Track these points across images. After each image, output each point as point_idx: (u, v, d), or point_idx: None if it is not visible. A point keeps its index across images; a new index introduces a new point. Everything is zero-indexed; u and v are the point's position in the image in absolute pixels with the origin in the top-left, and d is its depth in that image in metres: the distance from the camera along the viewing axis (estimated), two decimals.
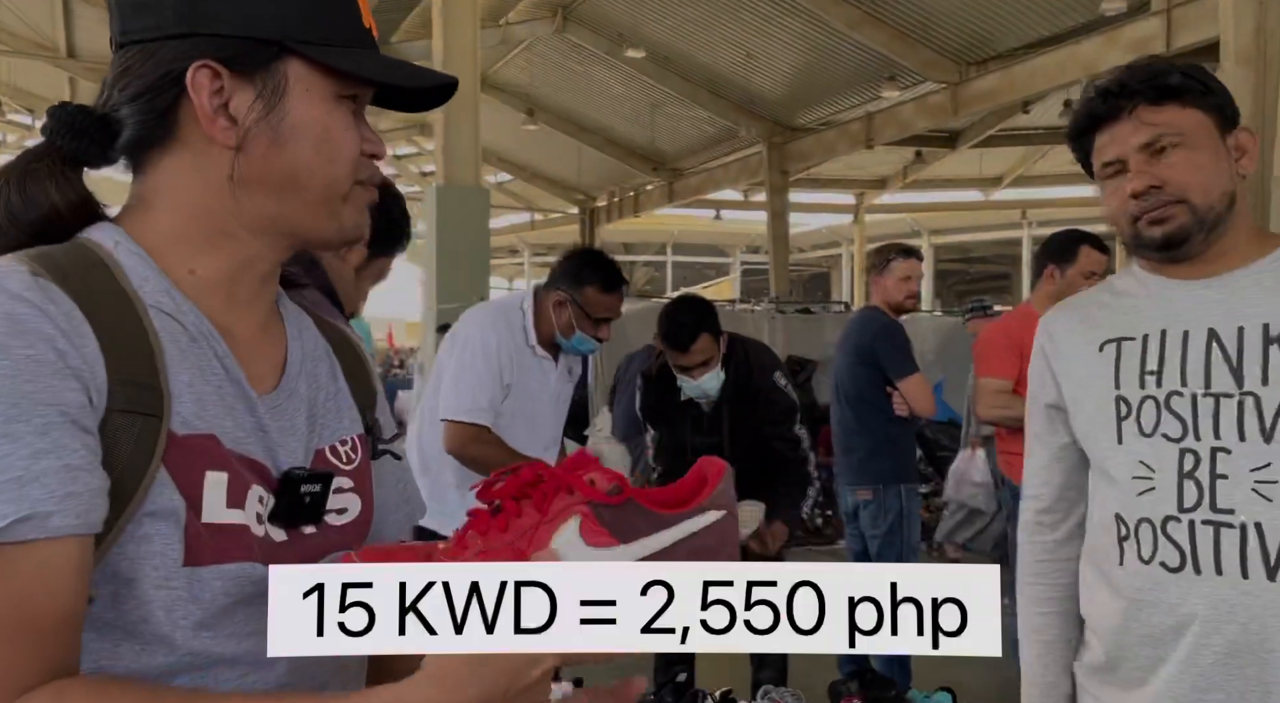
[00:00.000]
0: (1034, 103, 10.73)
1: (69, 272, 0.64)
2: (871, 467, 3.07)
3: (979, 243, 18.68)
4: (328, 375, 0.80)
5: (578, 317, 2.21)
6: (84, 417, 0.60)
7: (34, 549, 0.56)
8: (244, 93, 0.68)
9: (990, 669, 3.72)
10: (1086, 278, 2.83)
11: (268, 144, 0.69)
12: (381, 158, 0.76)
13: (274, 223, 0.72)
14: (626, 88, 12.22)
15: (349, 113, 0.72)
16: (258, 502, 0.68)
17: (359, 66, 0.71)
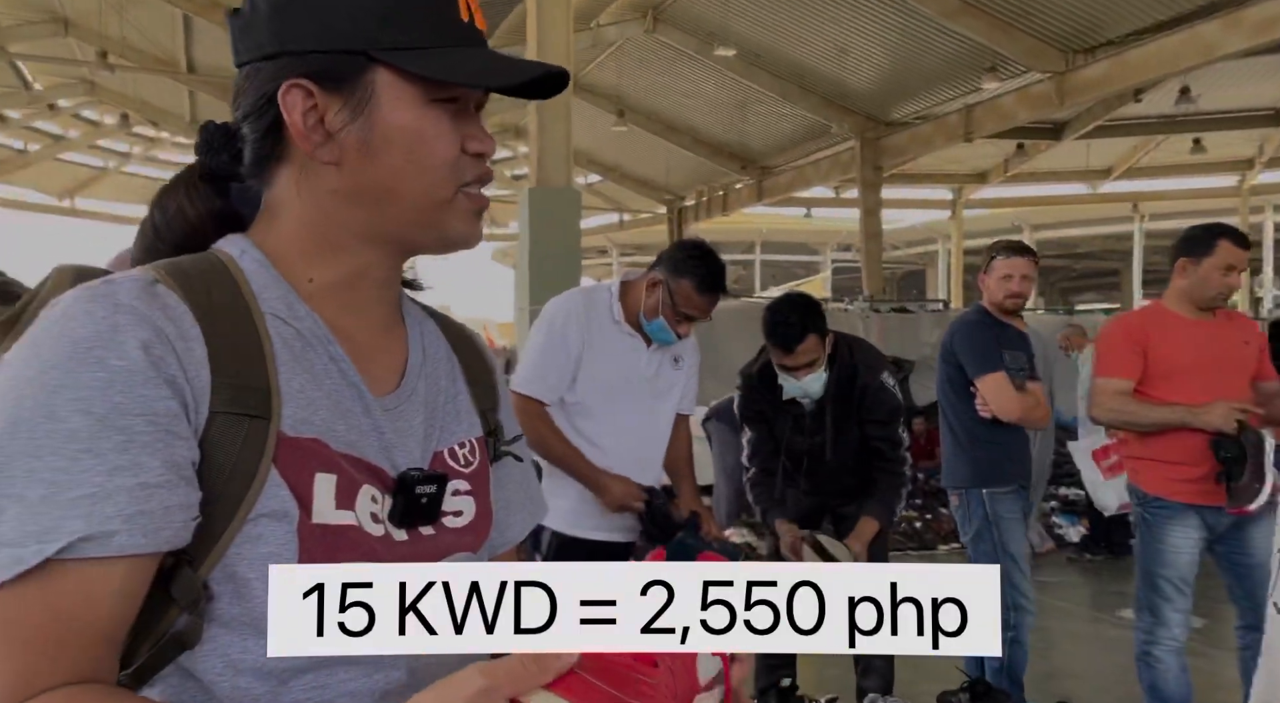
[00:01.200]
0: (1147, 90, 10.20)
1: (193, 279, 0.66)
2: (955, 469, 2.97)
3: (1085, 238, 17.87)
4: (448, 378, 0.80)
5: (665, 303, 2.17)
6: (176, 425, 0.61)
7: (89, 566, 0.57)
8: (335, 107, 0.68)
9: (1105, 687, 3.55)
10: (1224, 273, 2.64)
11: (361, 156, 0.69)
12: (489, 156, 0.73)
13: (379, 233, 0.72)
14: (716, 86, 12.16)
15: (445, 116, 0.70)
16: (371, 502, 0.69)
17: (446, 70, 0.68)
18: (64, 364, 0.59)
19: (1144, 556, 2.74)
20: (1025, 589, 2.86)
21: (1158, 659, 2.70)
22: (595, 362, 2.19)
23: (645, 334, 2.23)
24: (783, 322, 2.48)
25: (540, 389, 2.20)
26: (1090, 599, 4.82)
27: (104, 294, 0.62)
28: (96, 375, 0.59)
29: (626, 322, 2.23)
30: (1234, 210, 15.13)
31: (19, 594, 0.57)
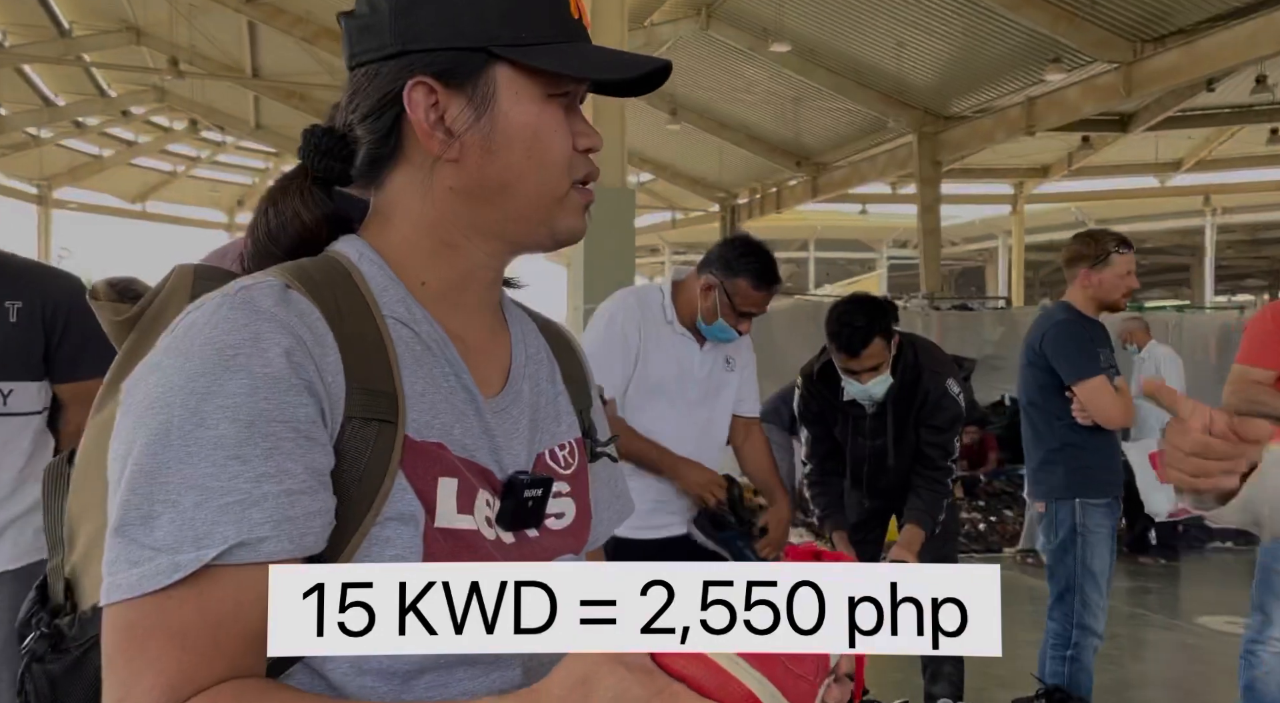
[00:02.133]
0: (1220, 80, 9.83)
1: (320, 284, 0.67)
2: (1043, 478, 2.80)
3: (1153, 233, 17.30)
4: (547, 379, 0.80)
5: (723, 305, 2.16)
6: (315, 430, 0.62)
7: (240, 571, 0.58)
8: (457, 104, 0.69)
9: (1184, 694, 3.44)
10: None
11: (481, 152, 0.69)
12: (598, 150, 0.73)
13: (492, 230, 0.72)
14: (770, 83, 12.07)
15: (559, 110, 0.71)
16: (485, 506, 0.69)
17: (565, 63, 0.69)
18: (211, 371, 0.60)
19: (1266, 552, 2.63)
20: (1096, 610, 2.72)
21: (1260, 660, 2.59)
22: (650, 361, 2.20)
23: (698, 334, 2.23)
24: (848, 324, 2.43)
25: (606, 385, 2.20)
26: (1159, 605, 4.67)
27: (244, 301, 0.63)
28: (242, 382, 0.60)
29: (680, 322, 2.23)
30: None
31: (176, 599, 0.58)
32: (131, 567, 0.58)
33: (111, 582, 0.59)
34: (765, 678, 0.51)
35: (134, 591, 0.58)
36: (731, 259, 2.19)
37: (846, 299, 2.58)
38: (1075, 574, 2.70)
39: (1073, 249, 2.81)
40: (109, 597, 0.59)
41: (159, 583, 0.58)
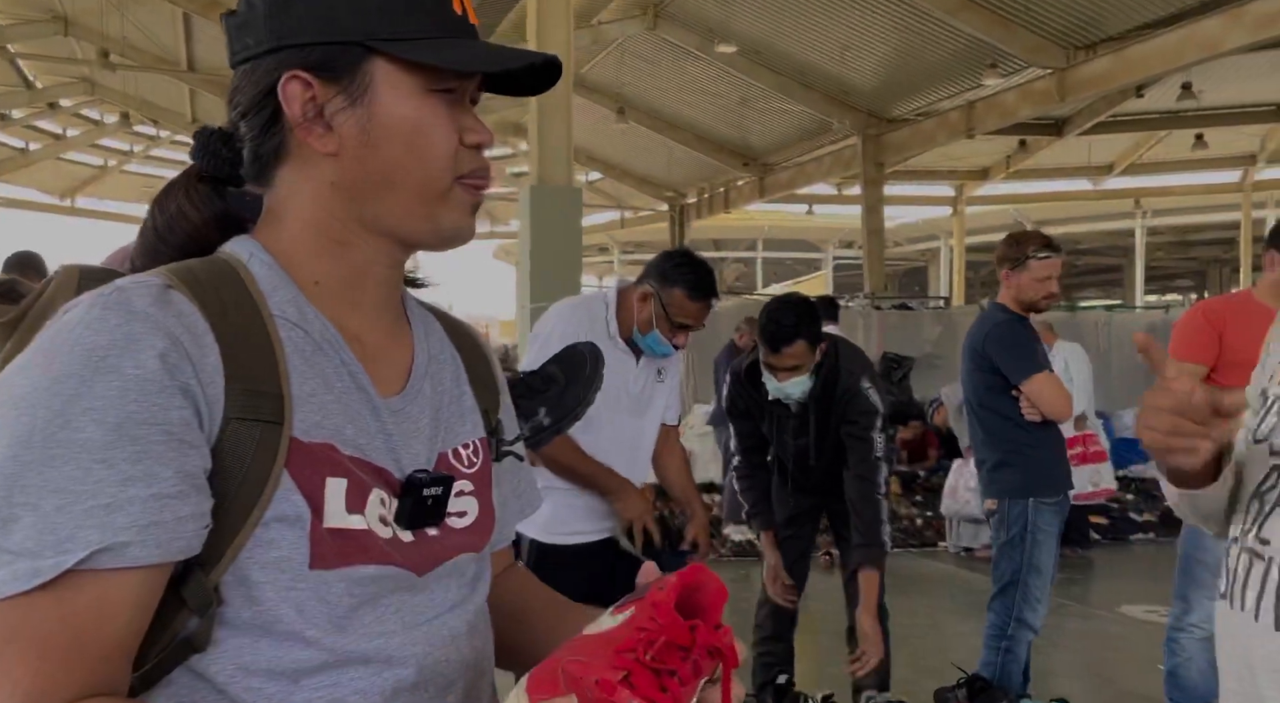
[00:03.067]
0: (1149, 86, 10.17)
1: (204, 283, 0.66)
2: (997, 478, 2.81)
3: (1087, 234, 17.83)
4: (452, 378, 0.80)
5: (658, 316, 2.16)
6: (189, 433, 0.61)
7: (104, 577, 0.57)
8: (335, 98, 0.69)
9: (1103, 682, 3.55)
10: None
11: (361, 146, 0.69)
12: (487, 146, 0.73)
13: (379, 226, 0.72)
14: (717, 83, 12.15)
15: (443, 106, 0.71)
16: (379, 505, 0.69)
17: (442, 57, 0.69)
18: (79, 373, 0.59)
19: (1186, 542, 2.72)
20: (1036, 605, 2.77)
21: (1182, 647, 2.68)
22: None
23: (635, 349, 2.23)
24: (776, 321, 2.47)
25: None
26: (1083, 595, 4.82)
27: (118, 302, 0.62)
28: (111, 385, 0.59)
29: (620, 336, 2.23)
30: (1236, 206, 15.11)
31: (35, 605, 0.57)
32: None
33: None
34: None
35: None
36: (668, 269, 2.19)
37: (782, 297, 2.62)
38: (1021, 569, 2.75)
39: (999, 250, 2.87)
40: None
41: (17, 588, 0.56)
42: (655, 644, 0.59)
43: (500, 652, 0.81)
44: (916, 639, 3.88)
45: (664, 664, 0.59)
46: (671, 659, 0.59)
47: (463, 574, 0.75)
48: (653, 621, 0.60)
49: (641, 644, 0.59)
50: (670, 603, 0.61)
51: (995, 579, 2.84)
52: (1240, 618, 0.91)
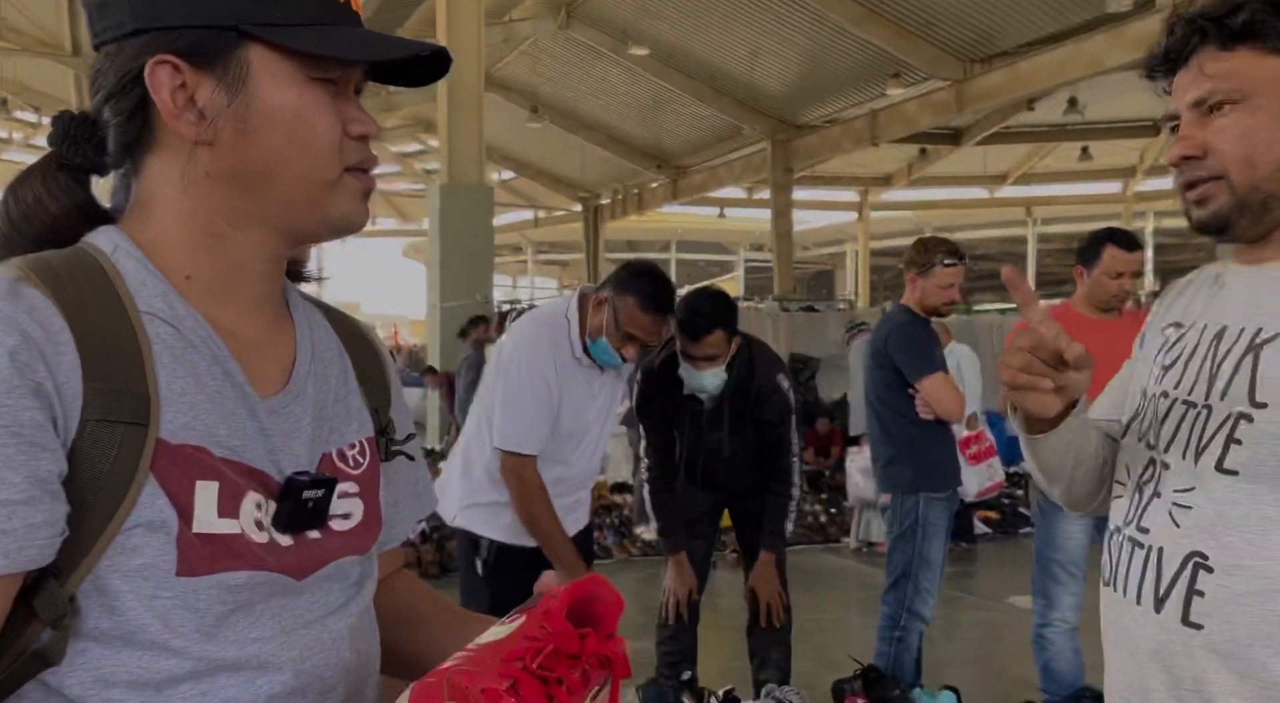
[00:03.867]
0: (1039, 100, 10.71)
1: (62, 277, 0.63)
2: (892, 473, 2.88)
3: (983, 240, 18.64)
4: (338, 376, 0.77)
5: (609, 323, 2.14)
6: (41, 436, 0.58)
7: None
8: (208, 84, 0.66)
9: (990, 670, 3.72)
10: (1114, 278, 2.74)
11: (237, 136, 0.66)
12: (372, 137, 0.71)
13: (258, 218, 0.69)
14: (630, 85, 12.21)
15: (325, 95, 0.68)
16: (255, 508, 0.67)
17: (321, 44, 0.66)
18: None
19: (1039, 540, 2.86)
20: (927, 597, 2.87)
21: (1050, 641, 2.81)
22: (567, 400, 2.19)
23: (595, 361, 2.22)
24: (694, 311, 2.48)
25: (529, 444, 2.16)
26: (974, 587, 5.03)
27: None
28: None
29: (586, 353, 2.20)
30: (1118, 215, 16.01)
31: None
32: None
33: None
34: None
35: None
36: (626, 278, 2.17)
37: (699, 289, 2.64)
38: (912, 562, 2.84)
39: (907, 254, 2.96)
40: None
41: None
42: (543, 653, 0.59)
43: (387, 656, 0.79)
44: (818, 633, 3.98)
45: (552, 673, 0.58)
46: (560, 668, 0.59)
47: (346, 577, 0.73)
48: (542, 629, 0.60)
49: (530, 653, 0.59)
50: (561, 611, 0.60)
51: (888, 572, 2.94)
52: (1123, 603, 0.96)
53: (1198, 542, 0.89)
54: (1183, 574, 0.90)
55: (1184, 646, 0.89)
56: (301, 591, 0.69)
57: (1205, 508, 0.90)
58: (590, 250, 17.15)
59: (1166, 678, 0.91)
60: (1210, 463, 0.90)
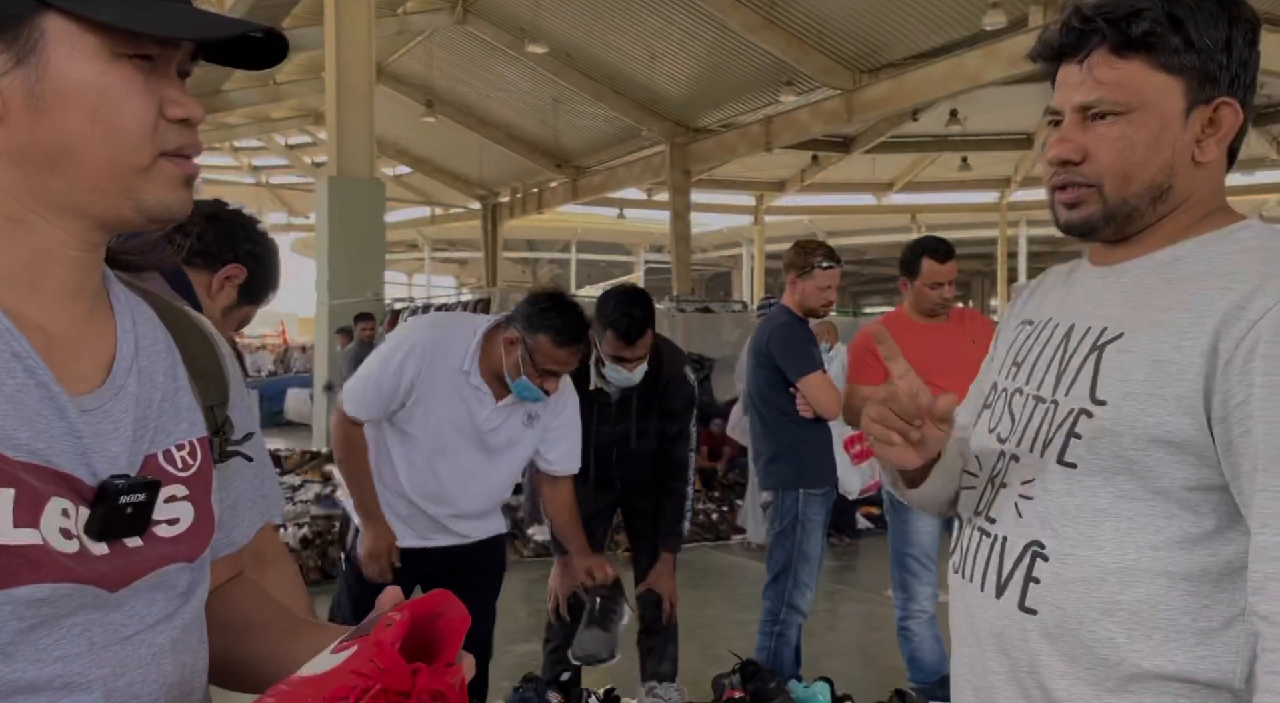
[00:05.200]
0: (923, 111, 11.19)
1: None
2: (773, 471, 2.94)
3: (872, 245, 19.34)
4: (166, 373, 0.73)
5: (525, 361, 2.12)
6: None
7: None
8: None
9: (867, 660, 3.85)
10: (933, 289, 2.85)
11: (29, 112, 0.62)
12: (195, 122, 0.67)
13: (63, 203, 0.65)
14: (529, 83, 12.12)
15: (135, 73, 0.64)
16: (61, 515, 0.62)
17: (126, 18, 0.62)
18: None
19: (894, 537, 2.98)
20: (806, 591, 2.94)
21: (913, 632, 2.94)
22: (428, 403, 2.16)
23: (496, 388, 2.19)
24: (628, 315, 2.48)
25: (357, 408, 2.20)
26: (854, 580, 5.21)
27: None
28: None
29: (482, 372, 2.17)
30: (994, 224, 16.89)
31: None
32: None
33: None
34: None
35: None
36: (533, 315, 2.13)
37: (621, 291, 2.63)
38: (792, 557, 2.91)
39: (787, 257, 3.04)
40: None
41: None
42: (370, 693, 0.56)
43: (218, 668, 0.75)
44: (705, 630, 4.03)
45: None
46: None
47: (171, 586, 0.69)
48: (371, 664, 0.57)
49: (355, 692, 0.56)
50: (395, 643, 0.57)
51: (769, 568, 3.01)
52: (969, 589, 1.00)
53: (1037, 531, 0.93)
54: (1022, 562, 0.94)
55: (1020, 630, 0.93)
56: (117, 603, 0.65)
57: (1045, 499, 0.93)
58: (489, 249, 16.94)
59: (1005, 661, 0.95)
60: (1053, 456, 0.93)
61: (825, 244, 3.12)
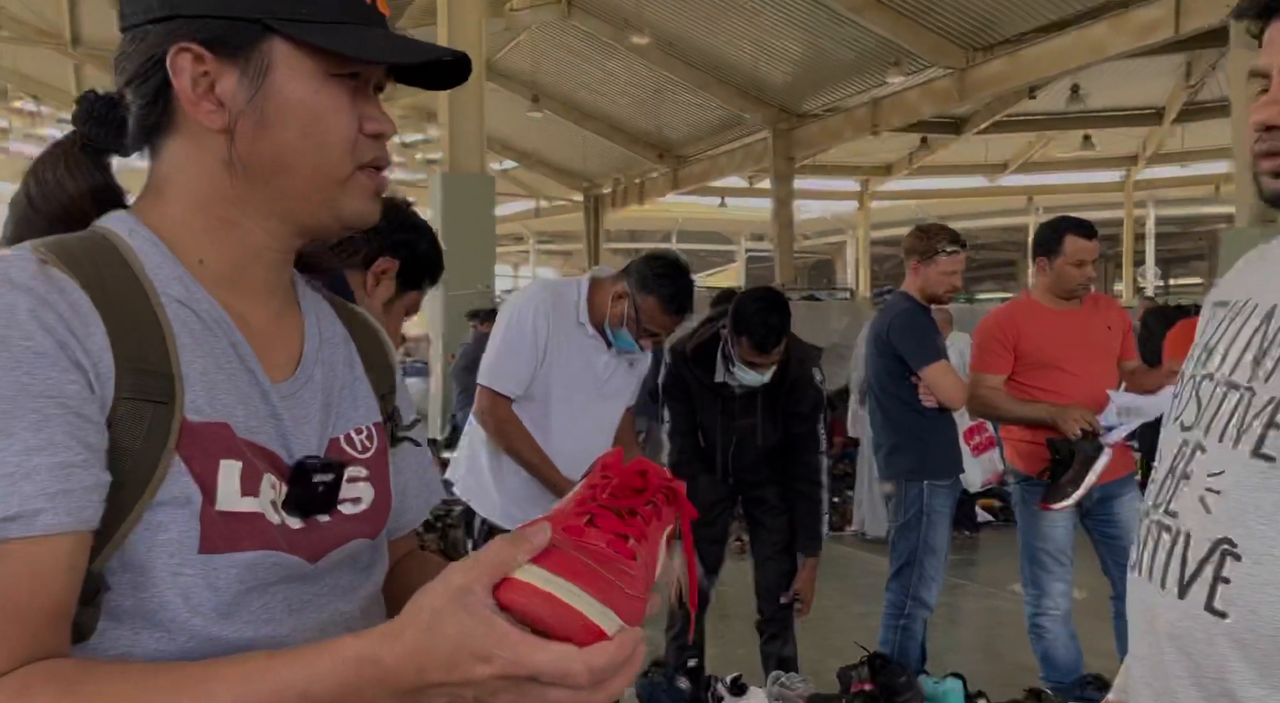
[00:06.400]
0: (1040, 88, 10.68)
1: (81, 260, 0.64)
2: (894, 461, 2.90)
3: (984, 229, 18.61)
4: (344, 363, 0.79)
5: (629, 317, 2.19)
6: (85, 407, 0.59)
7: (22, 546, 0.56)
8: (229, 75, 0.67)
9: (992, 656, 3.74)
10: (1077, 267, 2.73)
11: (254, 127, 0.68)
12: (388, 137, 0.72)
13: (271, 209, 0.70)
14: (631, 74, 12.17)
15: (344, 92, 0.69)
16: (270, 489, 0.68)
17: (341, 43, 0.67)
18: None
19: (1025, 531, 2.88)
20: (931, 584, 2.89)
21: (1046, 629, 2.84)
22: (556, 358, 2.22)
23: (606, 336, 2.25)
24: (765, 323, 2.49)
25: (506, 384, 2.22)
26: (979, 575, 5.05)
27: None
28: (1, 356, 0.57)
29: (591, 322, 2.24)
30: (1120, 204, 15.99)
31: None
32: None
33: None
34: (606, 606, 0.56)
35: None
36: (648, 276, 2.19)
37: (759, 297, 2.62)
38: (917, 550, 2.86)
39: (908, 241, 2.96)
40: None
41: None
42: (610, 487, 0.61)
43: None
44: (822, 621, 4.00)
45: (623, 504, 0.61)
46: (629, 500, 0.61)
47: (356, 561, 0.75)
48: (604, 476, 0.63)
49: (599, 491, 0.61)
50: (618, 461, 0.63)
51: (893, 560, 2.96)
52: (1148, 587, 0.94)
53: (1227, 528, 0.87)
54: (1210, 560, 0.88)
55: (1206, 633, 0.87)
56: (313, 575, 0.70)
57: (1237, 494, 0.87)
58: (591, 240, 17.13)
59: (1188, 664, 0.90)
60: (1247, 448, 0.87)
61: (948, 227, 3.03)
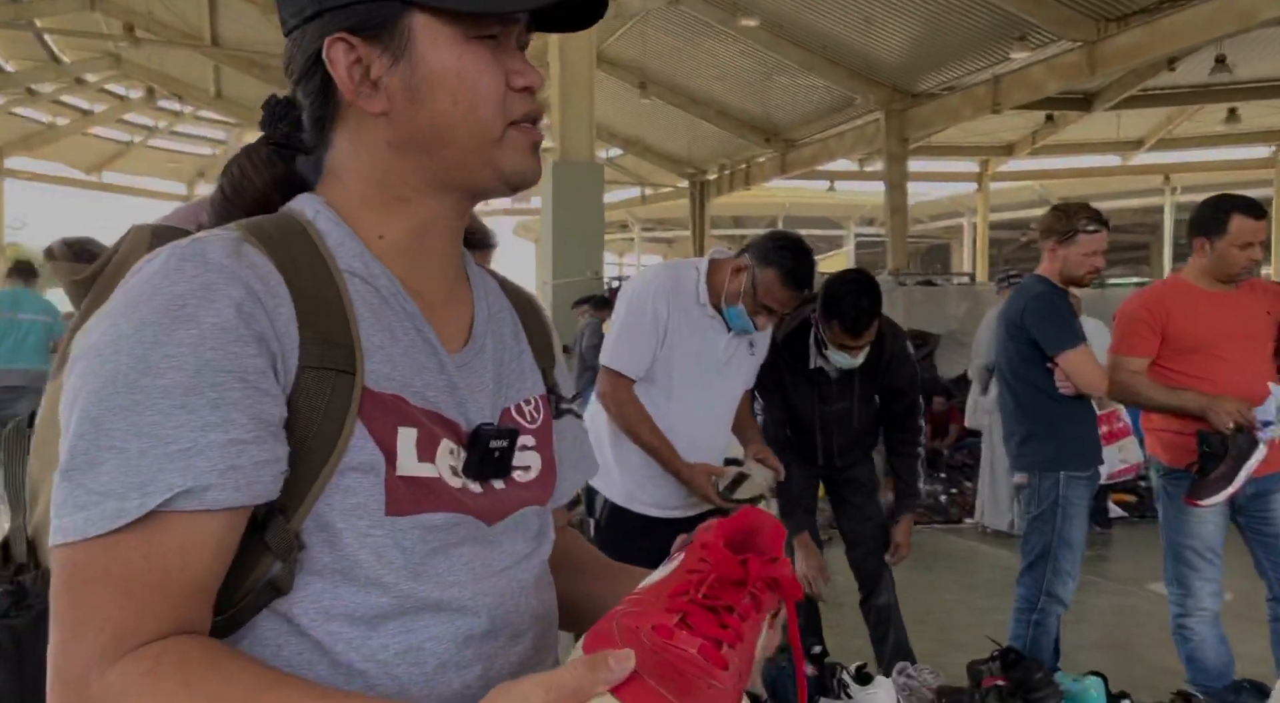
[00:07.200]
0: (1180, 59, 9.97)
1: (275, 238, 0.68)
2: (1027, 451, 2.77)
3: (1115, 210, 17.58)
4: (511, 336, 0.81)
5: (746, 291, 2.17)
6: (264, 382, 0.62)
7: (187, 519, 0.59)
8: (378, 56, 0.69)
9: (1129, 657, 3.56)
10: (1242, 249, 2.58)
11: (408, 102, 0.70)
12: (536, 89, 0.73)
13: (441, 180, 0.72)
14: (739, 58, 12.03)
15: (487, 52, 0.70)
16: (449, 454, 0.70)
17: (476, 4, 0.69)
18: (159, 321, 0.61)
19: (1169, 527, 2.72)
20: (1066, 579, 2.76)
21: (1193, 631, 2.68)
22: (676, 340, 2.22)
23: (725, 317, 2.24)
24: (856, 306, 2.46)
25: (628, 365, 2.23)
26: (1113, 572, 4.81)
27: (195, 253, 0.64)
28: (190, 332, 0.61)
29: (711, 303, 2.23)
30: (1268, 182, 14.82)
31: (120, 544, 0.59)
32: (77, 511, 0.59)
33: (58, 525, 0.59)
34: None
35: (79, 534, 0.59)
36: (770, 249, 2.19)
37: (849, 280, 2.57)
38: (1051, 544, 2.73)
39: (1045, 221, 2.83)
40: (55, 539, 0.59)
41: (103, 527, 0.58)
42: (707, 582, 0.58)
43: (558, 610, 0.82)
44: (942, 614, 3.90)
45: (719, 601, 0.58)
46: (727, 595, 0.58)
47: (528, 528, 0.77)
48: (702, 561, 0.60)
49: (693, 585, 0.59)
50: (719, 541, 0.60)
51: (1025, 553, 2.84)
52: None
53: None
54: None
55: None
56: (491, 538, 0.73)
57: None
58: (696, 227, 17.08)
59: None
60: None
61: (1089, 206, 2.86)
